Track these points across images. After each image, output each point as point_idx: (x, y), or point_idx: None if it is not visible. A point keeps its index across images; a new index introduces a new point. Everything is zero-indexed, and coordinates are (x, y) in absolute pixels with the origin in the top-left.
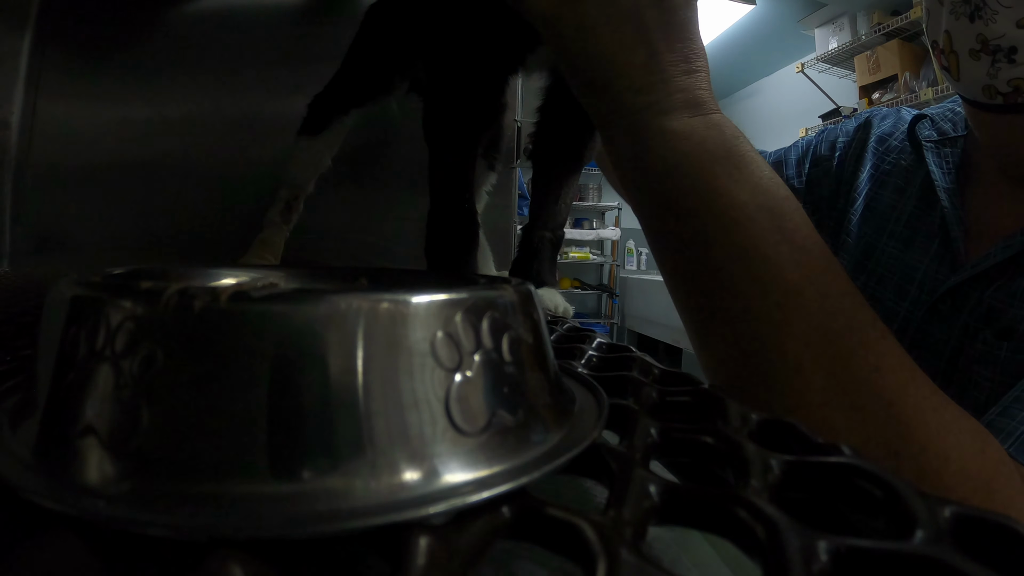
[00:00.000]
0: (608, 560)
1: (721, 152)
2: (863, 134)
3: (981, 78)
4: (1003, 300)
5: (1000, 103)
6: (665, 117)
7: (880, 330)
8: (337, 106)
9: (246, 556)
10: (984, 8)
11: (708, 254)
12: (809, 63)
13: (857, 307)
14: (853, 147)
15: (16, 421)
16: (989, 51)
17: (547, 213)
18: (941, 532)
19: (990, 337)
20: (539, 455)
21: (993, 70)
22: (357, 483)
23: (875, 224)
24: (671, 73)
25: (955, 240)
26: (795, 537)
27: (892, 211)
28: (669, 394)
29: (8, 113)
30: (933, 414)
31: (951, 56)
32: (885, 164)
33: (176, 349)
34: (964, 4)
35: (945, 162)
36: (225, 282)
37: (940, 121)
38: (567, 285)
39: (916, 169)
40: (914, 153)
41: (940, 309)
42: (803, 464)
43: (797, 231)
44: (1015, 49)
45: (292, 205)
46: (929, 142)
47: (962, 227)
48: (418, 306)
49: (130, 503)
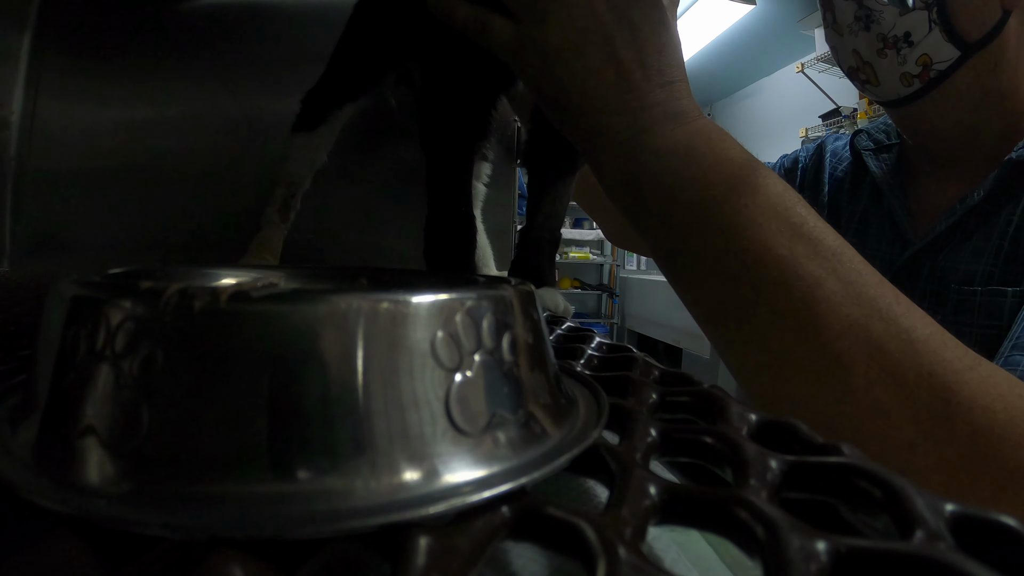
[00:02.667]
0: (608, 560)
1: (711, 160)
2: (819, 152)
3: (895, 69)
4: (955, 261)
5: (918, 87)
6: (647, 135)
7: (904, 303)
8: (331, 101)
9: (246, 556)
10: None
11: (723, 266)
12: (809, 63)
13: (878, 285)
14: (812, 160)
15: (16, 421)
16: (891, 45)
17: (544, 215)
18: (941, 532)
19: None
20: (539, 455)
21: (900, 58)
22: (357, 483)
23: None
24: (644, 89)
25: (901, 223)
26: (795, 537)
27: (847, 211)
28: (669, 394)
29: (8, 113)
30: (971, 373)
31: (867, 68)
32: (837, 172)
33: (176, 349)
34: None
35: (883, 165)
36: (225, 282)
37: (875, 133)
38: (567, 285)
39: (864, 174)
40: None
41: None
42: (803, 464)
43: (804, 223)
44: (908, 33)
45: (289, 203)
46: (867, 150)
47: (906, 211)
48: (418, 306)
49: (130, 503)
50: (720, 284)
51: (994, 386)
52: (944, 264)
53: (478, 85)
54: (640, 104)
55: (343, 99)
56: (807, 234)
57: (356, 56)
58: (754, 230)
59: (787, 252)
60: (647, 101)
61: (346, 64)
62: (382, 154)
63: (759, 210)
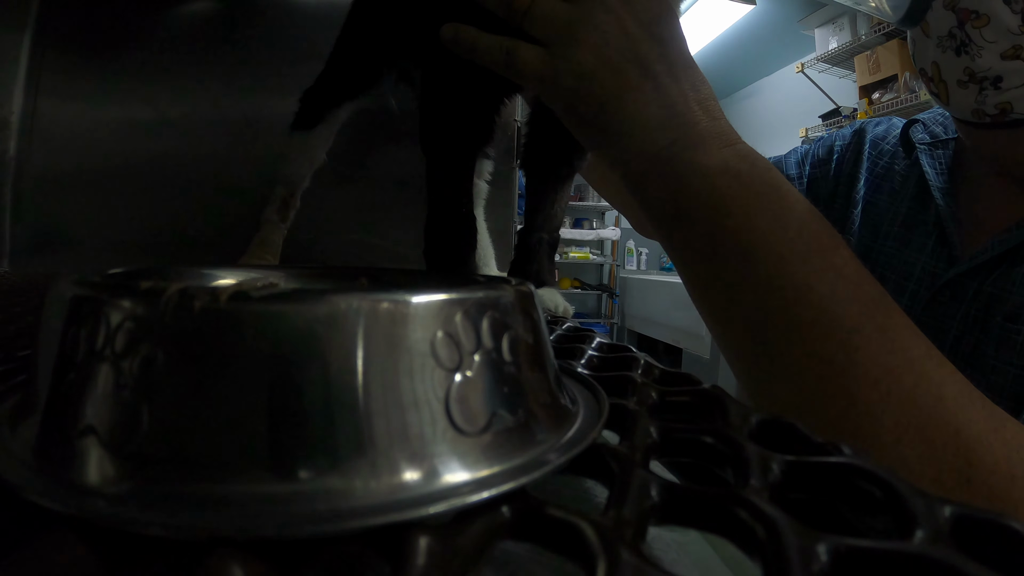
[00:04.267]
0: (608, 560)
1: (759, 187)
2: (858, 138)
3: (970, 104)
4: (1004, 288)
5: (989, 122)
6: (694, 152)
7: (936, 358)
8: (329, 100)
9: (246, 556)
10: (970, 44)
11: (761, 300)
12: (809, 63)
13: (913, 337)
14: (850, 150)
15: (16, 421)
16: (976, 80)
17: (543, 217)
18: (941, 532)
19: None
20: (539, 455)
21: (981, 97)
22: (357, 483)
23: (872, 226)
24: (686, 104)
25: (951, 236)
26: (795, 537)
27: (887, 213)
28: (669, 394)
29: (8, 113)
30: (995, 435)
31: (940, 84)
32: (878, 168)
33: (176, 349)
34: (950, 39)
35: (938, 163)
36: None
37: (931, 125)
38: (567, 285)
39: (909, 171)
40: (907, 156)
41: (939, 300)
42: (803, 464)
43: (847, 265)
44: (1000, 78)
45: (288, 202)
46: (923, 144)
47: (957, 223)
48: (418, 306)
49: (130, 503)
50: (757, 318)
51: (1017, 450)
52: (991, 289)
53: (482, 88)
54: (682, 120)
55: (341, 98)
56: (849, 276)
57: (353, 55)
58: (797, 266)
59: (828, 292)
60: (689, 118)
61: (344, 63)
62: (382, 154)
63: (804, 246)
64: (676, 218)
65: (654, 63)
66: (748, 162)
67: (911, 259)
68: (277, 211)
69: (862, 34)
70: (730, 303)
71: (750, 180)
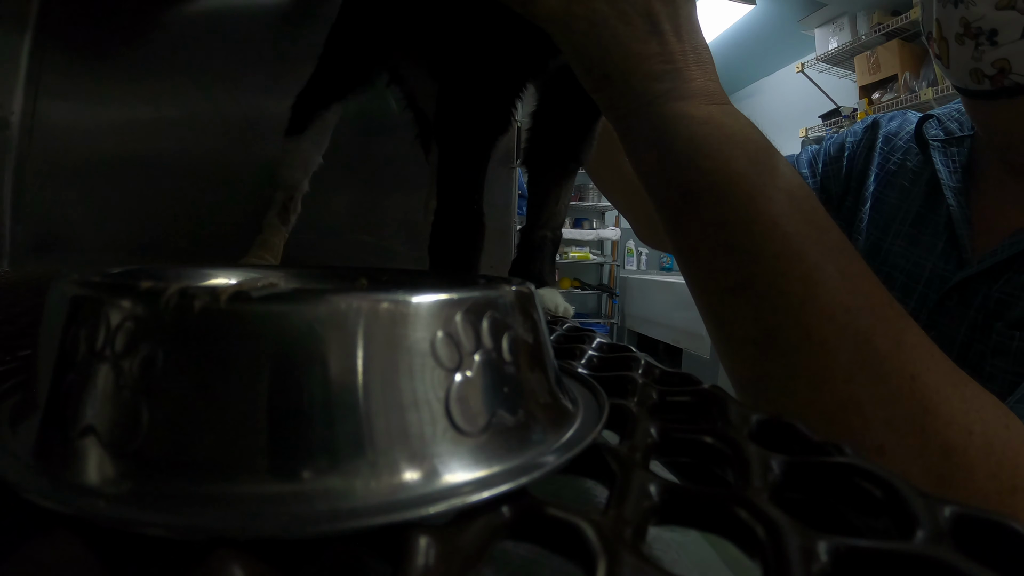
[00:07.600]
0: (608, 560)
1: (740, 138)
2: (871, 134)
3: (967, 62)
4: (1012, 293)
5: (988, 88)
6: (684, 103)
7: (897, 309)
8: (317, 102)
9: (246, 556)
10: None
11: (730, 235)
12: (809, 63)
13: (875, 286)
14: (862, 146)
15: (16, 421)
16: (972, 34)
17: (546, 214)
18: (941, 532)
19: (1003, 328)
20: (539, 455)
21: (977, 53)
22: (357, 483)
23: (881, 223)
24: (684, 62)
25: (961, 238)
26: (795, 537)
27: (898, 210)
28: (669, 394)
29: (8, 113)
30: (955, 389)
31: (941, 43)
32: (890, 164)
33: (176, 349)
34: None
35: (951, 161)
36: (225, 282)
37: (947, 121)
38: (567, 285)
39: (921, 169)
40: (920, 153)
41: (947, 304)
42: (803, 464)
43: (815, 212)
44: (996, 31)
45: (288, 206)
46: (936, 141)
47: (968, 225)
48: (418, 306)
49: (130, 503)
50: (724, 253)
51: (978, 409)
52: (999, 295)
53: (504, 73)
54: (680, 75)
55: (329, 99)
56: (816, 222)
57: (340, 55)
58: (765, 205)
59: (794, 231)
60: (686, 75)
61: (331, 63)
62: (381, 154)
63: (775, 190)
64: (659, 164)
65: (664, 22)
66: (734, 117)
67: (920, 260)
68: (278, 215)
69: (862, 34)
70: (701, 244)
71: (732, 131)
